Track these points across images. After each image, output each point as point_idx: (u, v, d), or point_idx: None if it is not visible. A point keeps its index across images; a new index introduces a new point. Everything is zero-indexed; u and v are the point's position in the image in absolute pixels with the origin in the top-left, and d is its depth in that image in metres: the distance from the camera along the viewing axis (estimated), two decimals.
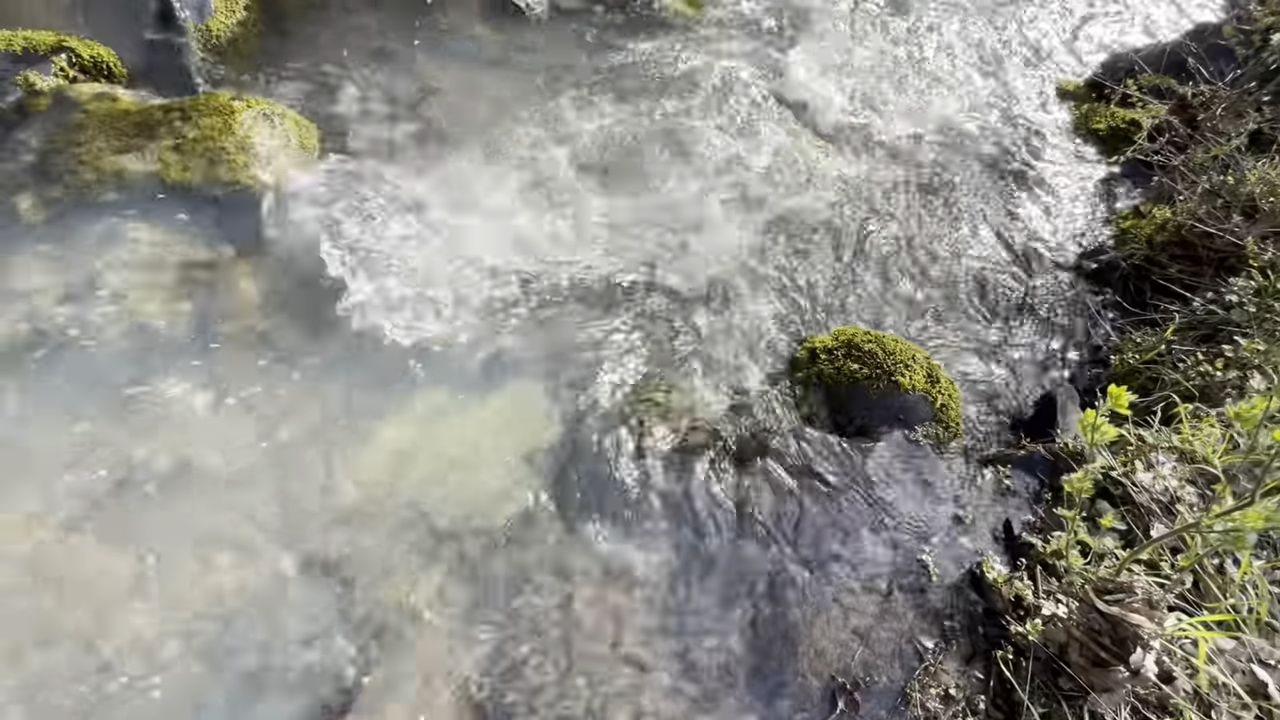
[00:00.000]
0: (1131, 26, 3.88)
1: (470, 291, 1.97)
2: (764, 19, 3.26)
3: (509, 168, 2.33)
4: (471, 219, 2.14)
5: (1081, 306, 2.37)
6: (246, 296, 1.85)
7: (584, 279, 2.08)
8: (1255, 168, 2.30)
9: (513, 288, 2.01)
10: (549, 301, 2.01)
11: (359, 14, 2.72)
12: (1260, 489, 1.07)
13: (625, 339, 1.96)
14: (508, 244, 2.10)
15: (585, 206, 2.27)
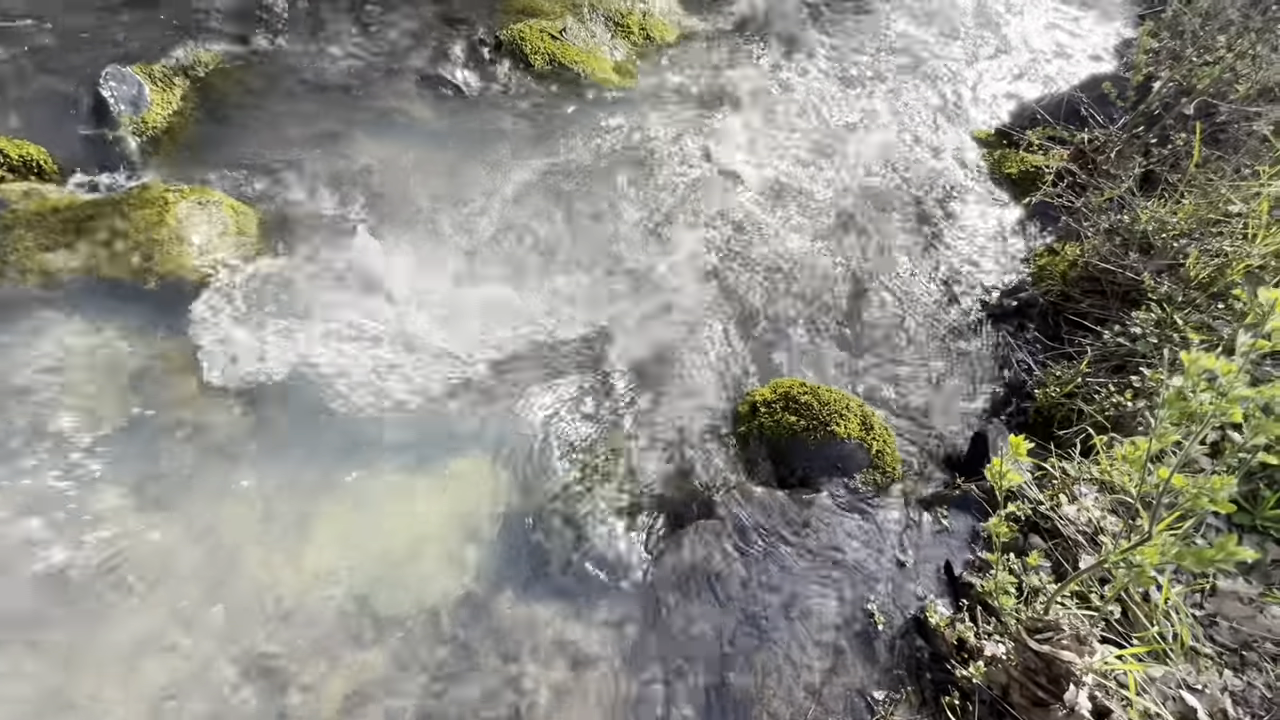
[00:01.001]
0: (1033, 79, 4.20)
1: (412, 370, 1.98)
2: (692, 86, 3.45)
3: (449, 243, 2.38)
4: (413, 296, 2.17)
5: (1005, 343, 2.50)
6: (181, 389, 1.83)
7: (526, 349, 2.11)
8: (1145, 207, 2.50)
9: (454, 362, 2.03)
10: (492, 373, 2.04)
11: (299, 99, 2.78)
12: (1155, 525, 1.14)
13: (569, 406, 1.98)
14: (449, 319, 2.13)
15: (526, 277, 2.32)
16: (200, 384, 1.85)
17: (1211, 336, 1.99)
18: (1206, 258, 2.19)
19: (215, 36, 2.81)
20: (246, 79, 2.76)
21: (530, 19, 3.34)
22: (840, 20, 4.30)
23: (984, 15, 4.81)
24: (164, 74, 2.54)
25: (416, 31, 3.15)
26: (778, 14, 4.21)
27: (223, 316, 1.93)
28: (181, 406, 1.80)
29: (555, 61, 3.20)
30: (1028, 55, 4.44)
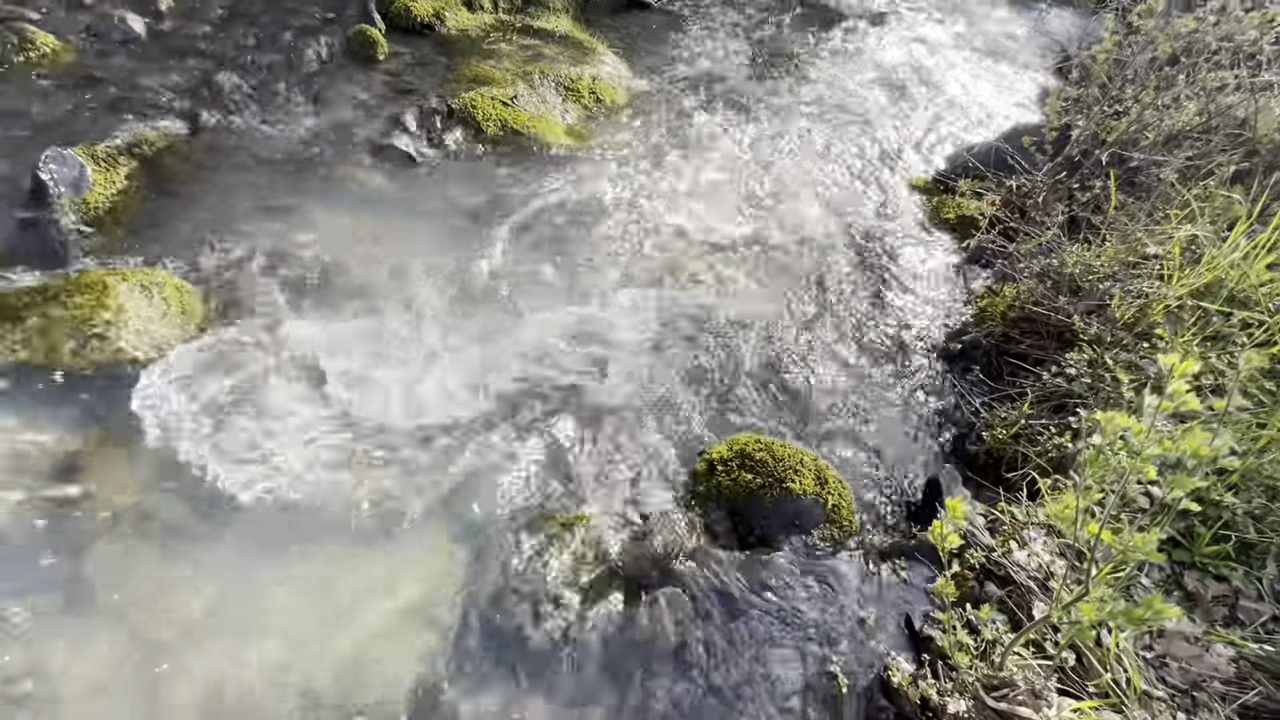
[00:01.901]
0: (964, 128, 4.46)
1: (359, 450, 1.95)
2: (642, 145, 3.56)
3: (397, 314, 2.38)
4: (360, 371, 2.15)
5: (953, 386, 2.58)
6: (118, 481, 1.76)
7: (478, 420, 2.10)
8: (1071, 252, 2.64)
9: (404, 439, 2.00)
10: (443, 448, 2.01)
11: (249, 172, 2.79)
12: (1092, 580, 1.17)
13: (524, 477, 1.96)
14: (399, 393, 2.11)
15: (477, 345, 2.33)
16: (136, 476, 1.79)
17: (1140, 375, 2.09)
18: (1130, 299, 2.32)
19: (163, 114, 2.82)
20: (195, 154, 2.76)
21: (482, 87, 3.43)
22: (779, 78, 4.52)
23: (916, 68, 5.11)
24: (108, 154, 2.53)
25: (369, 102, 3.21)
26: (721, 75, 4.41)
27: (161, 403, 1.88)
28: (116, 497, 1.73)
29: (507, 127, 3.28)
30: (958, 105, 4.72)
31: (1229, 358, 2.03)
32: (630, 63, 4.27)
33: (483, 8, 4.15)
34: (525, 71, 3.69)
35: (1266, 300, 2.11)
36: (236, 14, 3.40)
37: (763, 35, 5.09)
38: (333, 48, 3.39)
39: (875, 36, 5.51)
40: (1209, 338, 2.13)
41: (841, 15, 5.75)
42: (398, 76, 3.40)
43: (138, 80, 2.89)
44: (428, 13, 3.76)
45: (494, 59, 3.74)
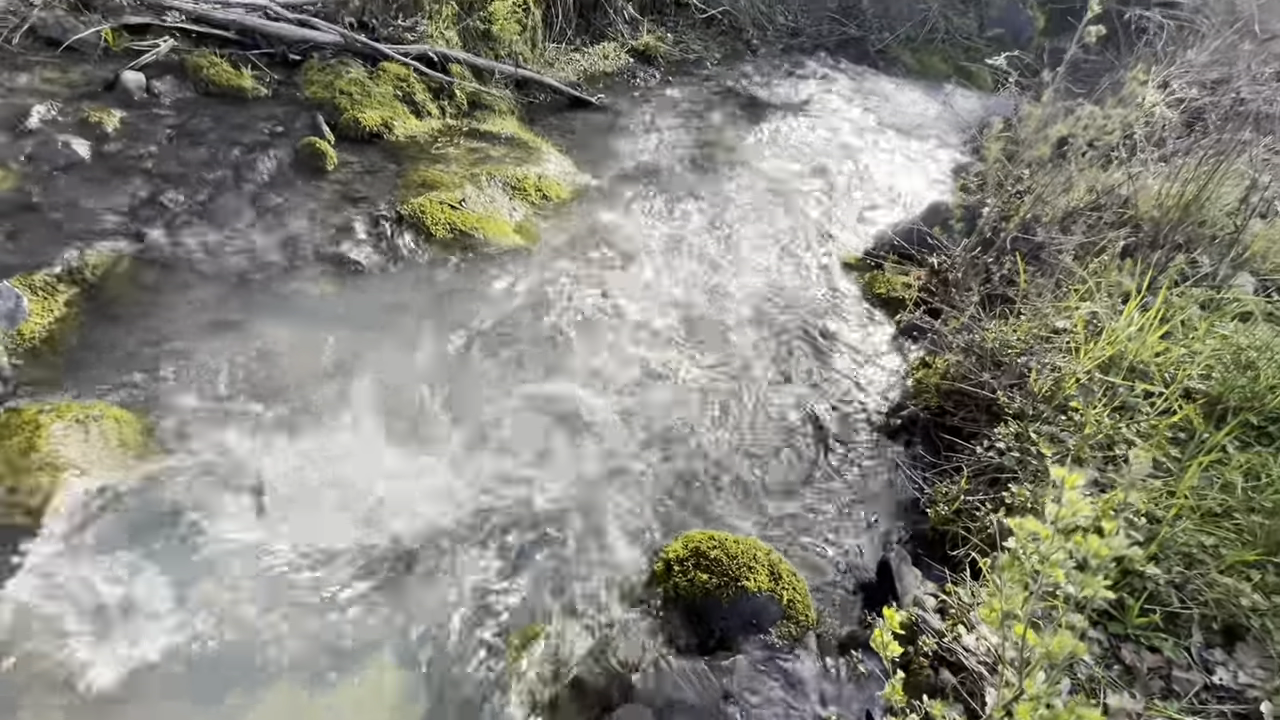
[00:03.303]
0: (889, 206, 4.80)
1: (303, 578, 1.90)
2: (588, 238, 3.72)
3: (345, 427, 2.37)
4: (308, 492, 2.12)
5: (896, 463, 2.69)
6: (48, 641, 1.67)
7: (427, 534, 2.08)
8: (989, 328, 2.84)
9: (350, 562, 1.96)
10: (396, 568, 1.98)
11: (195, 290, 2.79)
12: (1024, 680, 1.23)
13: (475, 594, 1.94)
14: (345, 513, 2.09)
15: (426, 456, 2.33)
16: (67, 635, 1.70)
17: (1061, 448, 2.23)
18: (1045, 373, 2.50)
19: (107, 236, 2.82)
20: (140, 275, 2.76)
21: (431, 192, 3.55)
22: (715, 167, 4.82)
23: (841, 151, 5.52)
24: (46, 282, 2.51)
25: (318, 212, 3.28)
26: (660, 166, 4.68)
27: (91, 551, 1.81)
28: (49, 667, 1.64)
29: (456, 229, 3.39)
30: (882, 185, 5.10)
31: (1137, 427, 2.20)
32: (575, 159, 4.49)
33: (430, 114, 4.35)
34: (473, 173, 3.85)
35: (1160, 372, 2.31)
36: (185, 132, 3.48)
37: (698, 127, 5.45)
38: (282, 161, 3.48)
39: (802, 123, 5.96)
40: (1118, 408, 2.30)
41: (770, 105, 6.22)
42: (347, 186, 3.50)
43: (81, 204, 2.91)
44: (376, 122, 3.92)
45: (442, 163, 3.90)
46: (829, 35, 8.27)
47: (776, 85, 6.78)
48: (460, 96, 4.53)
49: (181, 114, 3.59)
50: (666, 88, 6.06)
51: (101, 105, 3.41)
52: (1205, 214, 3.07)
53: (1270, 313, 2.60)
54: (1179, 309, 2.60)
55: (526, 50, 5.38)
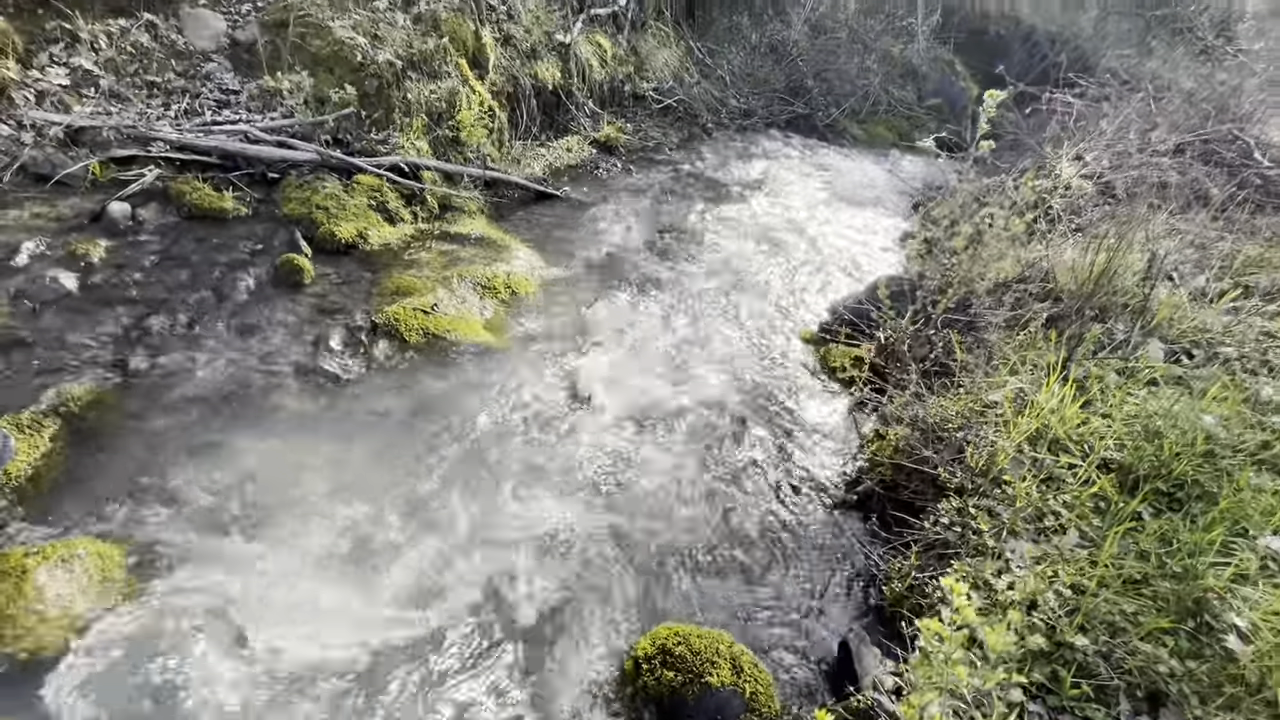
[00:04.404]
0: (844, 277, 5.10)
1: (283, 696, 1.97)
2: (556, 330, 3.92)
3: (324, 544, 2.47)
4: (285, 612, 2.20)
5: (853, 538, 2.83)
6: None
7: (407, 647, 2.16)
8: (930, 402, 3.05)
9: (333, 678, 2.03)
10: (374, 682, 2.05)
11: (177, 412, 2.92)
12: None
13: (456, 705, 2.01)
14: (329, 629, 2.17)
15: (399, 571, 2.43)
16: None
17: (997, 522, 2.39)
18: (980, 447, 2.68)
19: (92, 367, 2.96)
20: (124, 403, 2.88)
21: (405, 298, 3.76)
22: (676, 251, 5.12)
23: (794, 226, 5.88)
24: (33, 419, 2.62)
25: (296, 327, 3.46)
26: (624, 253, 4.96)
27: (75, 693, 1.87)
28: None
29: (429, 334, 3.57)
30: (834, 258, 5.43)
31: (1063, 498, 2.38)
32: (542, 252, 4.76)
33: (403, 219, 4.62)
34: (445, 276, 4.08)
35: (1080, 443, 2.51)
36: (168, 256, 3.68)
37: (659, 211, 5.79)
38: (261, 278, 3.68)
39: (757, 201, 6.36)
40: (1046, 480, 2.48)
41: (726, 186, 6.63)
42: (324, 298, 3.70)
43: (67, 337, 3.06)
44: (351, 234, 4.16)
45: (415, 268, 4.13)
46: (779, 114, 8.88)
47: (732, 165, 7.24)
48: (431, 201, 4.82)
49: (165, 239, 3.80)
50: (628, 175, 6.46)
51: (88, 237, 3.61)
52: (1116, 284, 3.36)
53: (1178, 377, 2.84)
54: (1096, 378, 2.83)
55: (494, 151, 5.75)
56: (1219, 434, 2.35)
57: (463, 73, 5.49)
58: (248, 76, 4.97)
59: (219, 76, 4.94)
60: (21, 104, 4.19)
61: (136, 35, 4.77)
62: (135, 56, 4.73)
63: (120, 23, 4.77)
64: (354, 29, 5.00)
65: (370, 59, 4.89)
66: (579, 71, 6.91)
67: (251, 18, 5.12)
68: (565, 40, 6.66)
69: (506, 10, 6.20)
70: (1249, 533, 2.05)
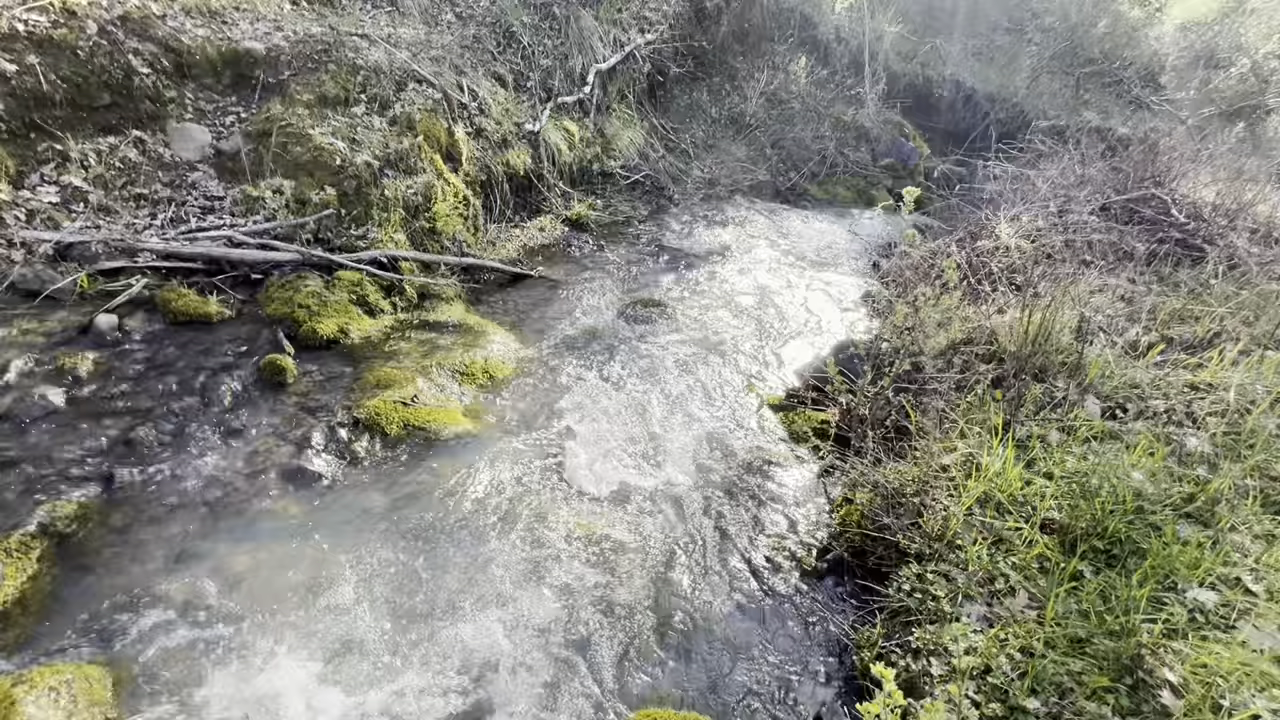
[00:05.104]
0: (808, 342, 5.34)
1: None
2: (533, 412, 4.07)
3: (309, 654, 2.53)
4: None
5: (824, 608, 2.93)
6: None
7: None
8: (888, 468, 3.22)
9: None
10: None
11: (163, 524, 2.99)
12: None
13: None
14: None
15: (383, 674, 2.49)
16: None
17: (953, 586, 2.52)
18: (936, 511, 2.84)
19: (80, 483, 3.04)
20: (110, 518, 2.96)
21: (385, 391, 3.90)
22: (648, 323, 5.35)
23: (760, 292, 6.16)
24: (21, 542, 2.69)
25: (279, 427, 3.58)
26: (598, 329, 5.18)
27: None
28: None
29: (410, 426, 3.71)
30: (799, 322, 5.68)
31: (1013, 560, 2.52)
32: (518, 334, 4.96)
33: (383, 311, 4.81)
34: (424, 366, 4.24)
35: (1023, 504, 2.67)
36: (154, 365, 3.81)
37: (630, 285, 6.06)
38: (245, 380, 3.82)
39: (723, 269, 6.67)
40: (996, 541, 2.63)
41: (694, 255, 6.96)
42: (307, 396, 3.83)
43: (55, 454, 3.15)
44: (333, 330, 4.33)
45: (395, 359, 4.29)
46: (742, 180, 9.38)
47: (698, 234, 7.61)
48: (410, 291, 5.04)
49: (152, 347, 3.94)
50: (599, 250, 6.76)
51: (76, 350, 3.74)
52: (1053, 343, 3.61)
53: (1113, 432, 3.04)
54: (1037, 438, 3.02)
55: (469, 237, 6.04)
56: (1147, 489, 2.53)
57: (437, 167, 5.82)
58: (231, 183, 5.24)
59: (204, 185, 5.20)
60: (12, 224, 4.39)
61: (125, 151, 5.04)
62: (123, 171, 4.98)
63: (110, 140, 5.05)
64: (333, 134, 5.33)
65: (349, 161, 5.20)
66: (549, 156, 7.32)
67: (235, 129, 5.43)
68: (534, 128, 7.09)
69: (478, 106, 6.62)
70: (1178, 586, 2.21)
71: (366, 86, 5.77)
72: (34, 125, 4.74)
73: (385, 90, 5.82)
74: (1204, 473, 2.66)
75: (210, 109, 5.54)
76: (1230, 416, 2.93)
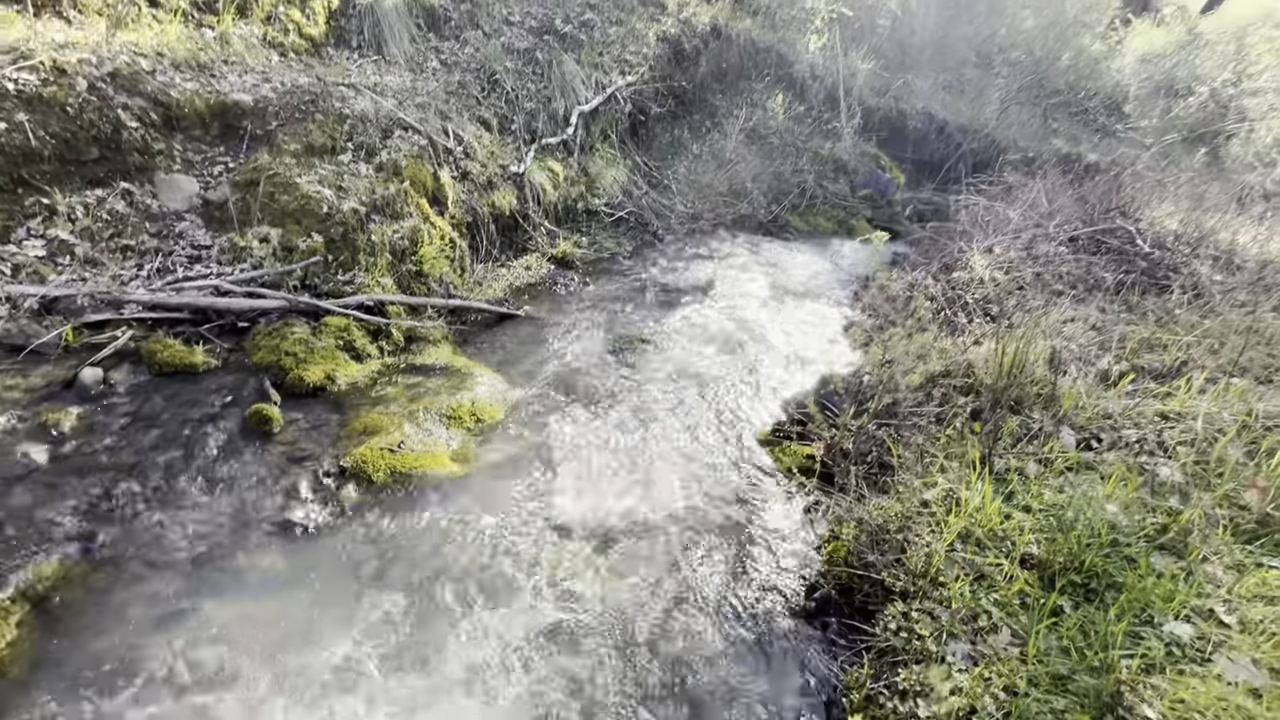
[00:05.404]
0: (795, 375, 5.40)
1: None
2: (521, 453, 4.09)
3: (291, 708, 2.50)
4: None
5: (814, 649, 2.93)
6: None
7: None
8: (872, 504, 3.25)
9: None
10: None
11: (145, 582, 2.96)
12: None
13: None
14: None
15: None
16: None
17: (938, 625, 2.55)
18: (919, 548, 2.87)
19: (61, 543, 3.01)
20: (91, 578, 2.93)
21: (372, 437, 3.91)
22: (635, 360, 5.40)
23: (744, 327, 6.25)
24: (1, 607, 2.66)
25: (265, 478, 3.57)
26: (585, 367, 5.23)
27: None
28: None
29: (396, 473, 3.71)
30: (784, 356, 5.75)
31: (994, 596, 2.55)
32: (505, 375, 5.00)
33: (370, 356, 4.84)
34: (411, 410, 4.26)
35: (1003, 539, 2.72)
36: (139, 418, 3.81)
37: (616, 322, 6.14)
38: (231, 431, 3.82)
39: (708, 302, 6.77)
40: (978, 578, 2.67)
41: (679, 290, 7.07)
42: (293, 445, 3.83)
43: (37, 514, 3.12)
44: (319, 377, 4.35)
45: (382, 404, 4.31)
46: (725, 214, 9.57)
47: (683, 268, 7.74)
48: (397, 335, 5.08)
49: (136, 400, 3.94)
50: (585, 288, 6.86)
51: (59, 405, 3.74)
52: (1028, 374, 3.70)
53: (1088, 463, 3.11)
54: (1015, 471, 3.08)
55: (456, 278, 6.11)
56: (1121, 521, 2.59)
57: (423, 211, 5.92)
58: (219, 232, 5.30)
59: (191, 234, 5.26)
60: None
61: (112, 203, 5.09)
62: (110, 223, 5.03)
63: (97, 193, 5.10)
64: (320, 182, 5.42)
65: (335, 208, 5.28)
66: (534, 195, 7.46)
67: (223, 178, 5.52)
68: (519, 170, 7.24)
69: (463, 150, 6.77)
70: (1154, 619, 2.25)
71: (353, 134, 5.89)
72: (21, 181, 4.79)
73: (372, 138, 5.95)
74: (1176, 503, 2.72)
75: (198, 159, 5.63)
76: (1199, 445, 3.01)
